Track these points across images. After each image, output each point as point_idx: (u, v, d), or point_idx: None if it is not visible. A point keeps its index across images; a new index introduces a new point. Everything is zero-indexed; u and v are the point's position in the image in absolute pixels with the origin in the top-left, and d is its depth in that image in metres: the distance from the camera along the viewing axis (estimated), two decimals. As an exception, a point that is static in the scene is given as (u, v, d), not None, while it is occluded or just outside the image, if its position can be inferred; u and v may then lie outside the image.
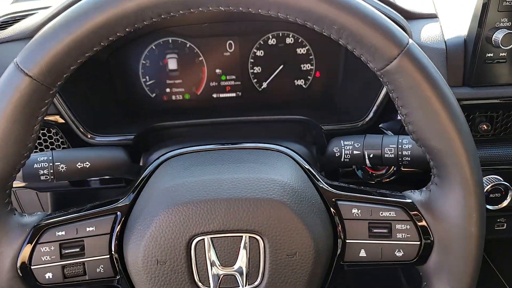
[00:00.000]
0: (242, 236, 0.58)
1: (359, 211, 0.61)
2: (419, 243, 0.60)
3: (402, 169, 0.89)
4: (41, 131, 0.91)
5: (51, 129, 0.91)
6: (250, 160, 0.66)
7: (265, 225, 0.58)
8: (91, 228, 0.60)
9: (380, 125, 0.90)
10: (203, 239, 0.58)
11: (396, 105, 0.56)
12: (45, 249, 0.59)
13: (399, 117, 0.85)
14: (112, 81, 1.02)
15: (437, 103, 0.52)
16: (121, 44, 0.99)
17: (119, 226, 0.62)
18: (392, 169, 0.88)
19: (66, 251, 0.59)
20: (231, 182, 0.61)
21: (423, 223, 0.60)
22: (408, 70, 0.52)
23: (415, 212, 0.60)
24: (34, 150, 0.91)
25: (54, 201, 1.02)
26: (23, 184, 0.92)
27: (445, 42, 0.88)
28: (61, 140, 0.91)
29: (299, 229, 0.58)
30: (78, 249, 0.60)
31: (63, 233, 0.60)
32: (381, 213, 0.61)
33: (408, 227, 0.60)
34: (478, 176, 0.55)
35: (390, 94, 0.55)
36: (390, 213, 0.61)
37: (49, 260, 0.59)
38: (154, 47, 1.02)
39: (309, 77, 1.05)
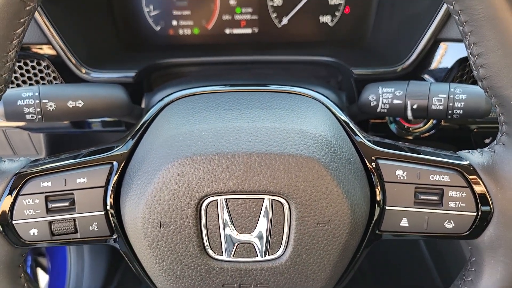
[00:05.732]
0: (263, 198, 0.49)
1: (405, 173, 0.51)
2: (475, 214, 0.51)
3: (442, 123, 0.77)
4: (30, 64, 0.83)
5: (41, 61, 0.82)
6: (275, 105, 0.55)
7: (293, 187, 0.48)
8: (82, 180, 0.53)
9: (422, 75, 0.78)
10: (216, 200, 0.49)
11: (466, 42, 0.46)
12: (29, 201, 0.52)
13: (446, 64, 0.75)
14: (111, 10, 0.93)
15: None
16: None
17: (116, 177, 0.53)
18: (431, 122, 0.77)
19: (53, 205, 0.52)
20: (252, 132, 0.50)
21: (483, 190, 0.50)
22: None
23: (474, 176, 0.51)
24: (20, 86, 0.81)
25: (48, 143, 0.94)
26: (15, 124, 0.83)
27: None
28: (53, 75, 0.84)
29: (334, 193, 0.48)
30: (67, 204, 0.52)
31: (49, 184, 0.52)
32: (432, 177, 0.51)
33: (464, 194, 0.50)
34: None
35: (460, 28, 0.45)
36: (443, 177, 0.51)
37: (33, 215, 0.52)
38: (159, -29, 0.89)
39: (336, 13, 0.93)
